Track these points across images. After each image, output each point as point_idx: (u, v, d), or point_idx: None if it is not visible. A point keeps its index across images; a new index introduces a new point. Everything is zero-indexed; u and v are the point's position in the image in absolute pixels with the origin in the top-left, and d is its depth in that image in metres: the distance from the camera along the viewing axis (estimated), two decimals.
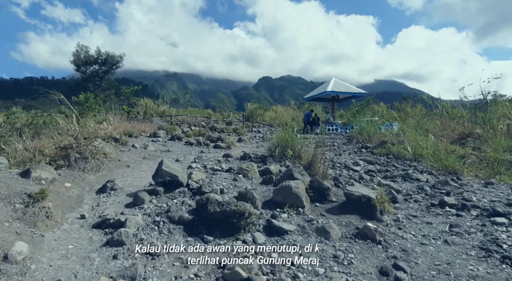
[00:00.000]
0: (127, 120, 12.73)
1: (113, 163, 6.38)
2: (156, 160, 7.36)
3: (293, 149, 6.99)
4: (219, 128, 15.16)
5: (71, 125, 7.25)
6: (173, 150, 8.71)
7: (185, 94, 26.05)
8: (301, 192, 4.19)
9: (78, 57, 25.32)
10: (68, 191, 4.44)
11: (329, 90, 18.92)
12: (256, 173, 5.67)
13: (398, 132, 12.09)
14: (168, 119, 17.98)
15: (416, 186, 5.57)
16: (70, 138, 6.65)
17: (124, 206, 4.24)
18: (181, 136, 10.82)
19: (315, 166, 5.64)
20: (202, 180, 5.21)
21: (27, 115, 12.89)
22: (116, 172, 5.95)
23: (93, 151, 5.78)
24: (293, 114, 26.36)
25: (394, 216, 4.14)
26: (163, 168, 4.74)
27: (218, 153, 8.67)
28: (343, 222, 3.79)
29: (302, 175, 4.97)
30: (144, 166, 6.73)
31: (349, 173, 6.53)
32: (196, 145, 9.98)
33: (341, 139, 13.30)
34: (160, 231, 3.50)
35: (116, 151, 7.21)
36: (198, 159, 7.21)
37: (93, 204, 4.29)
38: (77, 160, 5.43)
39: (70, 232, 3.43)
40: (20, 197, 3.52)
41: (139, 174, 6.02)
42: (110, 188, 4.83)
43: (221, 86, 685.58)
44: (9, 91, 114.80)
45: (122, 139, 8.23)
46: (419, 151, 8.32)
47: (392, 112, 20.45)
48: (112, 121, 10.50)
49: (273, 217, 3.81)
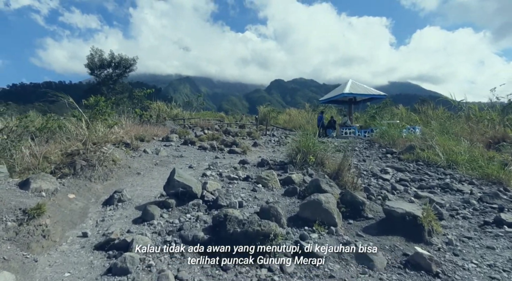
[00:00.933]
0: (139, 124, 12.43)
1: (123, 170, 5.96)
2: (168, 166, 6.92)
3: (315, 155, 6.40)
4: (233, 132, 14.70)
5: (80, 129, 6.90)
6: (186, 156, 8.27)
7: (198, 97, 25.80)
8: (332, 207, 3.62)
9: (92, 61, 25.46)
10: (71, 203, 4.01)
11: (346, 92, 18.20)
12: (277, 183, 5.12)
13: (423, 136, 11.32)
14: (181, 122, 17.68)
15: (461, 199, 4.89)
16: (79, 144, 6.28)
17: (132, 221, 3.76)
18: (194, 140, 10.39)
19: (342, 175, 5.04)
20: (218, 190, 4.70)
21: (42, 118, 12.77)
22: (125, 181, 5.52)
23: (101, 158, 5.37)
24: (308, 117, 25.70)
25: (444, 237, 3.51)
26: (175, 178, 4.26)
27: (234, 159, 8.16)
28: (387, 246, 3.19)
29: (330, 186, 4.38)
30: (156, 173, 6.28)
31: (378, 182, 5.88)
32: (210, 150, 9.52)
33: (361, 143, 12.58)
34: (172, 255, 3.00)
35: (126, 157, 6.80)
36: (213, 165, 6.72)
37: (97, 219, 3.84)
38: (84, 168, 5.02)
39: (69, 254, 2.97)
40: (13, 213, 3.09)
41: (150, 182, 5.57)
42: (117, 200, 4.38)
43: (233, 89, 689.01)
44: (29, 96, 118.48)
45: (133, 144, 7.84)
46: (453, 157, 7.58)
47: (412, 114, 19.52)
48: (124, 125, 10.18)
49: (302, 238, 3.25)
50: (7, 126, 9.29)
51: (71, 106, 7.42)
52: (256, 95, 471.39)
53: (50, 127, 8.60)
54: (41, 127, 8.80)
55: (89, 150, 5.52)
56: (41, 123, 9.42)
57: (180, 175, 4.34)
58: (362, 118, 23.55)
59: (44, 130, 8.64)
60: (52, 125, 8.70)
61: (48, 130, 8.58)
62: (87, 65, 25.61)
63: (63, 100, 8.59)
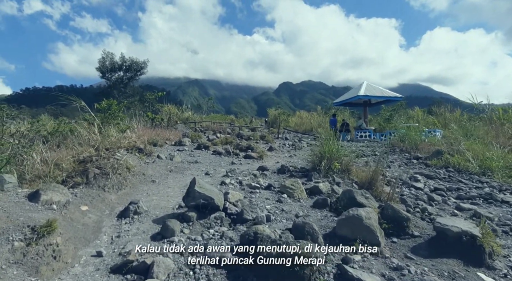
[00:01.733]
0: (151, 128, 12.18)
1: (137, 178, 5.64)
2: (183, 173, 6.58)
3: (340, 162, 5.97)
4: (246, 135, 14.34)
5: (93, 134, 6.63)
6: (201, 161, 7.92)
7: (208, 100, 25.62)
8: (374, 224, 3.19)
9: (103, 64, 25.51)
10: (84, 216, 3.69)
11: (361, 94, 17.68)
12: (303, 193, 4.71)
13: (447, 140, 10.77)
14: (192, 125, 17.44)
15: (510, 212, 4.39)
16: (91, 149, 6.00)
17: (150, 237, 3.41)
18: (208, 144, 10.05)
19: (376, 185, 4.60)
20: (241, 202, 4.32)
21: (54, 122, 12.64)
22: (140, 189, 5.19)
23: (114, 165, 5.06)
24: (319, 119, 25.20)
25: (506, 259, 3.04)
26: (196, 189, 3.90)
27: (251, 165, 7.79)
28: (445, 272, 2.75)
29: (366, 198, 3.95)
30: (171, 180, 5.95)
31: (411, 191, 5.42)
32: (225, 155, 9.17)
33: (379, 147, 12.07)
34: (197, 280, 2.63)
35: (140, 164, 6.49)
36: (231, 172, 6.35)
37: (113, 234, 3.50)
38: (97, 177, 4.71)
39: (82, 279, 2.62)
40: (21, 231, 2.76)
41: (166, 191, 5.23)
42: (133, 212, 4.04)
43: (241, 92, 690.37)
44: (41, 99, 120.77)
45: (146, 149, 7.54)
46: (486, 163, 7.05)
47: (430, 117, 18.85)
48: (136, 129, 9.93)
49: (345, 261, 2.84)
50: (18, 130, 9.14)
51: (83, 110, 7.18)
52: (265, 98, 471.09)
53: (62, 131, 8.41)
54: (53, 131, 8.61)
55: (102, 156, 5.22)
56: (52, 127, 9.25)
57: (201, 185, 3.98)
58: (375, 120, 22.94)
59: (56, 134, 8.45)
60: (63, 129, 8.51)
61: (59, 134, 8.39)
62: (98, 68, 25.67)
63: (75, 103, 8.39)
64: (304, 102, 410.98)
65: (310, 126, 24.31)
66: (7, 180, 3.76)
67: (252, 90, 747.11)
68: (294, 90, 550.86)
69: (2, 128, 8.03)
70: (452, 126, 15.19)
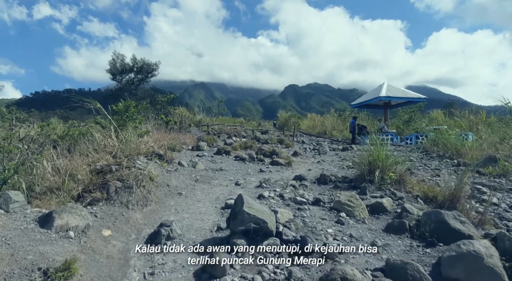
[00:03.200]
0: (166, 131, 11.47)
1: (161, 190, 4.88)
2: (210, 183, 5.81)
3: (394, 171, 5.15)
4: (263, 139, 13.57)
5: (109, 139, 5.91)
6: (226, 169, 7.15)
7: (219, 102, 24.94)
8: (498, 264, 2.37)
9: (114, 66, 24.96)
10: (107, 244, 2.93)
11: (383, 95, 16.78)
12: (365, 211, 3.89)
13: (488, 144, 9.87)
14: (205, 128, 16.75)
15: None
16: (108, 157, 5.27)
17: (193, 276, 2.63)
18: (229, 149, 9.27)
19: (461, 204, 3.75)
20: (294, 223, 3.52)
21: (64, 125, 12.02)
22: (167, 205, 4.42)
23: (138, 176, 4.31)
24: (333, 122, 24.34)
25: None
26: (244, 209, 3.11)
27: (282, 173, 7.00)
28: None
29: (462, 222, 3.11)
30: (199, 192, 5.18)
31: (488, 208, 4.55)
32: (249, 161, 8.39)
33: (411, 152, 11.15)
34: None
35: (162, 172, 5.75)
36: (265, 183, 5.56)
37: (145, 271, 2.72)
38: (119, 191, 3.96)
39: None
40: (29, 277, 2.01)
41: (197, 207, 4.45)
42: (165, 237, 3.27)
43: (247, 95, 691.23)
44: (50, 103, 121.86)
45: (167, 155, 6.79)
46: None
47: (454, 119, 17.87)
48: (151, 133, 9.22)
49: None
50: (28, 134, 8.48)
51: (99, 112, 6.47)
52: (270, 100, 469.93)
53: (72, 134, 7.78)
54: (63, 135, 7.99)
55: (123, 166, 4.47)
56: (62, 130, 8.62)
57: (250, 204, 3.20)
58: (390, 123, 21.99)
59: (66, 137, 7.81)
60: (74, 132, 7.87)
61: (70, 137, 7.76)
62: (109, 70, 25.12)
63: (86, 106, 7.71)
64: (310, 104, 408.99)
65: (323, 129, 23.45)
66: (13, 198, 3.03)
67: (258, 92, 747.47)
68: (300, 92, 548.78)
69: (10, 132, 7.39)
70: (481, 128, 14.30)
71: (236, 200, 3.30)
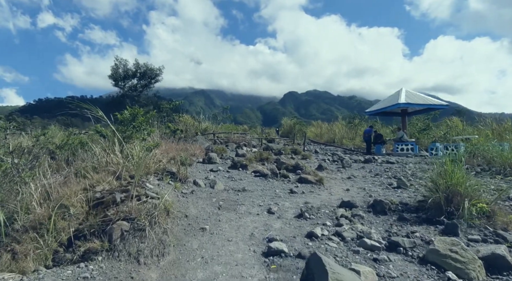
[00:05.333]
0: (173, 141, 10.34)
1: (179, 224, 3.73)
2: (237, 210, 4.65)
3: (479, 199, 4.00)
4: (275, 149, 12.47)
5: (112, 155, 4.77)
6: (249, 188, 6.00)
7: (225, 109, 23.90)
8: None
9: (116, 71, 23.84)
10: None
11: (402, 102, 15.77)
12: (482, 269, 2.72)
13: None
14: (211, 137, 15.66)
15: None
16: (111, 179, 4.13)
17: None
18: (245, 162, 8.13)
19: None
20: None
21: (64, 133, 10.92)
22: (189, 249, 3.25)
23: (151, 211, 3.15)
24: (343, 130, 23.31)
25: None
26: None
27: (318, 194, 5.86)
28: None
29: None
30: (226, 226, 4.01)
31: None
32: (272, 177, 7.25)
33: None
34: None
35: (178, 197, 4.60)
36: (308, 212, 4.41)
37: None
38: (125, 236, 2.81)
39: None
40: None
41: (228, 250, 3.29)
42: None
43: (246, 102, 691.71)
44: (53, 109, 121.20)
45: (180, 172, 5.65)
46: None
47: (481, 127, 16.81)
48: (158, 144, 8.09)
49: None
50: (20, 145, 7.36)
51: (100, 121, 5.36)
52: (270, 107, 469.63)
53: (71, 144, 6.72)
54: (62, 144, 6.93)
55: (132, 195, 3.33)
56: (61, 140, 7.58)
57: (334, 269, 2.05)
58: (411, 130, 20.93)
59: (65, 147, 6.75)
60: (73, 141, 6.81)
61: (69, 146, 6.71)
62: (111, 76, 23.96)
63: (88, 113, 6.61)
64: (310, 111, 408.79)
65: (330, 137, 22.43)
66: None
67: (257, 99, 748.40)
68: (300, 99, 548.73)
69: None
70: (510, 138, 13.47)
71: (309, 261, 2.17)
